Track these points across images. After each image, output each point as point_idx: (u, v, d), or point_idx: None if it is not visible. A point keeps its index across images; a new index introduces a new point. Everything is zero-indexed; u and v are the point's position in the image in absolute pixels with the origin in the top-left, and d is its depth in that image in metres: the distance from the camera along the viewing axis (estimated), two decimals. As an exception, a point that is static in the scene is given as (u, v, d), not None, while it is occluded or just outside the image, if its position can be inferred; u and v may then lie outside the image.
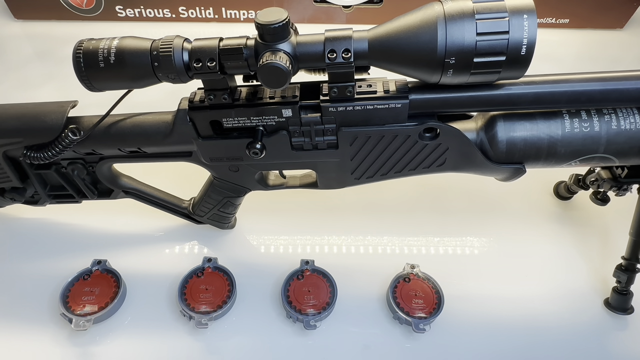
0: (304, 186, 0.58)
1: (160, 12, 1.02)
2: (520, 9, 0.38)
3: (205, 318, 0.55)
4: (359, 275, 0.60)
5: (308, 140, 0.49)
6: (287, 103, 0.46)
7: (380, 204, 0.69)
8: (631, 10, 1.00)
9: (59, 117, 0.50)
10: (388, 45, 0.41)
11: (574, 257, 0.63)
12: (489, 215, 0.68)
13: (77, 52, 0.43)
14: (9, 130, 0.51)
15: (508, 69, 0.40)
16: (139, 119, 0.51)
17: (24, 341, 0.55)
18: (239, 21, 1.04)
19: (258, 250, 0.65)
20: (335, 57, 0.41)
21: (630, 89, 0.43)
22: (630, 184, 0.53)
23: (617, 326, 0.56)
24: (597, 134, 0.46)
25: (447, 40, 0.38)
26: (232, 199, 0.59)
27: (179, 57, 0.42)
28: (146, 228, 0.65)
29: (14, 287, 0.60)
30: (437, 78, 0.41)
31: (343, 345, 0.55)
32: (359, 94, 0.46)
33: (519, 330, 0.56)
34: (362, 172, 0.53)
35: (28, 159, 0.52)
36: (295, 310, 0.55)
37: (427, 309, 0.56)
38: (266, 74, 0.41)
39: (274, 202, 0.67)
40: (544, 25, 1.02)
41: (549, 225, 0.66)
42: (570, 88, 0.44)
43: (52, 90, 0.89)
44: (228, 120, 0.48)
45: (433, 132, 0.48)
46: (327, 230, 0.66)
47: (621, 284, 0.56)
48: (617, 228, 0.64)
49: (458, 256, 0.63)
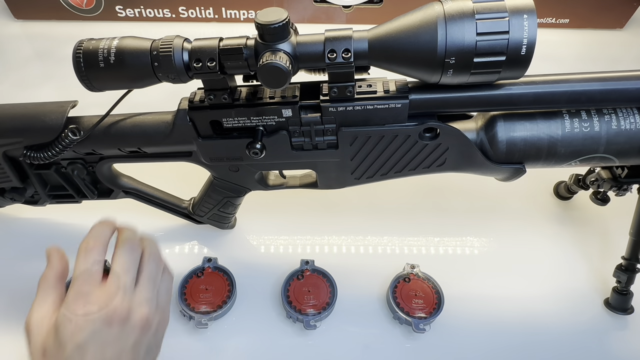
0: (304, 186, 0.58)
1: (160, 12, 1.02)
2: (521, 9, 0.38)
3: (205, 318, 0.55)
4: (359, 275, 0.60)
5: (308, 140, 0.49)
6: (287, 103, 0.46)
7: (380, 204, 0.69)
8: (631, 10, 1.00)
9: (58, 117, 0.50)
10: (388, 45, 0.41)
11: (574, 257, 0.63)
12: (489, 215, 0.68)
13: (77, 52, 0.43)
14: (8, 130, 0.51)
15: (508, 69, 0.40)
16: (139, 119, 0.51)
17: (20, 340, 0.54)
18: (239, 21, 1.03)
19: (258, 250, 0.65)
20: (335, 57, 0.41)
21: (630, 89, 0.43)
22: (630, 184, 0.53)
23: (617, 326, 0.56)
24: (597, 134, 0.46)
25: (447, 40, 0.38)
26: (232, 199, 0.59)
27: (178, 57, 0.42)
28: (146, 228, 0.64)
29: (13, 288, 0.60)
30: (437, 78, 0.41)
31: (343, 345, 0.55)
32: (359, 94, 0.45)
33: (519, 330, 0.56)
34: (362, 172, 0.53)
35: (28, 159, 0.52)
36: (295, 310, 0.55)
37: (427, 309, 0.56)
38: (266, 74, 0.41)
39: (274, 202, 0.67)
40: (544, 25, 1.02)
41: (549, 225, 0.66)
42: (570, 88, 0.43)
43: (52, 90, 0.88)
44: (228, 120, 0.48)
45: (433, 132, 0.48)
46: (327, 230, 0.66)
47: (621, 284, 0.56)
48: (617, 228, 0.64)
49: (458, 256, 0.63)
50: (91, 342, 0.37)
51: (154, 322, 0.41)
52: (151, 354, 0.41)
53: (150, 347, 0.41)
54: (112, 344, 0.38)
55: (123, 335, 0.38)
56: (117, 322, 0.38)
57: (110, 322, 0.38)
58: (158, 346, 0.42)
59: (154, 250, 0.45)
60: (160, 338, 0.43)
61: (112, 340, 0.38)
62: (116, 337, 0.38)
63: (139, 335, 0.39)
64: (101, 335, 0.37)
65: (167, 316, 0.44)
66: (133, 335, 0.39)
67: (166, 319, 0.43)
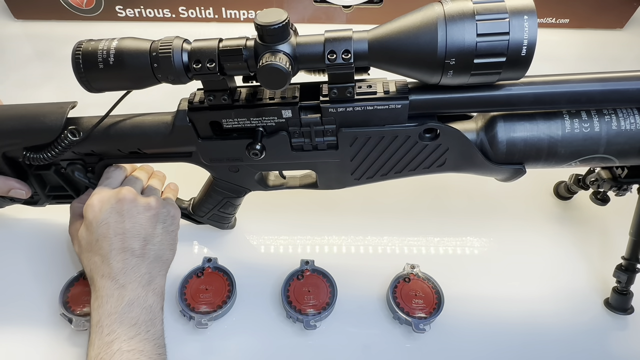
0: (303, 186, 0.58)
1: (160, 12, 1.02)
2: (521, 10, 0.38)
3: (205, 318, 0.55)
4: (359, 276, 0.60)
5: (308, 141, 0.49)
6: (287, 104, 0.46)
7: (381, 204, 0.69)
8: (631, 10, 1.00)
9: (58, 118, 0.50)
10: (388, 46, 0.41)
11: (574, 257, 0.63)
12: (489, 215, 0.68)
13: (76, 53, 0.43)
14: (8, 131, 0.51)
15: (508, 70, 0.40)
16: (139, 119, 0.51)
17: (19, 340, 0.55)
18: (239, 21, 1.03)
19: (258, 250, 0.65)
20: (335, 58, 0.41)
21: (631, 89, 0.43)
22: (630, 184, 0.53)
23: (617, 326, 0.56)
24: (597, 135, 0.46)
25: (447, 41, 0.38)
26: (232, 199, 0.59)
27: (178, 58, 0.42)
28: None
29: (12, 288, 0.60)
30: (438, 79, 0.41)
31: (343, 345, 0.55)
32: (359, 94, 0.45)
33: (519, 330, 0.56)
34: (362, 172, 0.53)
35: (27, 160, 0.52)
36: (295, 310, 0.55)
37: (427, 309, 0.56)
38: (266, 75, 0.41)
39: (274, 202, 0.67)
40: (544, 25, 1.02)
41: (549, 225, 0.66)
42: (570, 89, 0.43)
43: (52, 90, 0.88)
44: (228, 121, 0.48)
45: (433, 132, 0.48)
46: (327, 230, 0.66)
47: (621, 284, 0.56)
48: (617, 228, 0.63)
49: (458, 256, 0.63)
50: (111, 216, 0.49)
51: (159, 208, 0.53)
52: (169, 233, 0.53)
53: (165, 228, 0.53)
54: (127, 215, 0.50)
55: (133, 211, 0.50)
56: (127, 201, 0.50)
57: (121, 201, 0.50)
58: (174, 231, 0.54)
59: (159, 175, 0.60)
60: (173, 226, 0.54)
61: (125, 213, 0.50)
62: (128, 211, 0.50)
63: (148, 213, 0.51)
64: (116, 210, 0.50)
65: (177, 215, 0.56)
66: (142, 212, 0.51)
67: (176, 217, 0.55)
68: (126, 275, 0.47)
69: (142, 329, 0.46)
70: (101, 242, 0.49)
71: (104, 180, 0.54)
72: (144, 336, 0.45)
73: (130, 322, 0.45)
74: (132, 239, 0.49)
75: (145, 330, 0.46)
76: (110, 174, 0.54)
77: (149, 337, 0.46)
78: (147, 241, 0.50)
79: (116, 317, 0.45)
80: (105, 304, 0.46)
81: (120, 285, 0.47)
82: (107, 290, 0.47)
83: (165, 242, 0.52)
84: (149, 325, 0.46)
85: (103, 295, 0.47)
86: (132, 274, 0.48)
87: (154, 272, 0.50)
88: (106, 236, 0.49)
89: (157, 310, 0.48)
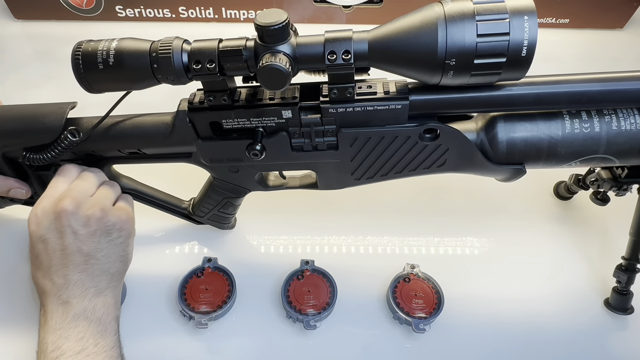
0: (304, 187, 0.58)
1: (160, 12, 1.02)
2: (521, 10, 0.38)
3: (205, 318, 0.55)
4: (359, 276, 0.60)
5: (308, 141, 0.49)
6: (287, 104, 0.46)
7: (381, 204, 0.69)
8: (631, 10, 1.00)
9: (58, 118, 0.50)
10: (388, 46, 0.41)
11: (574, 257, 0.63)
12: (489, 215, 0.68)
13: (76, 53, 0.43)
14: (8, 131, 0.51)
15: (509, 70, 0.40)
16: (139, 120, 0.51)
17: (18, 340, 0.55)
18: (239, 21, 1.03)
19: (258, 250, 0.65)
20: (335, 58, 0.41)
21: (631, 89, 0.43)
22: (630, 184, 0.53)
23: (617, 326, 0.56)
24: (597, 135, 0.46)
25: (447, 41, 0.38)
26: (232, 199, 0.59)
27: (178, 58, 0.42)
28: (146, 228, 0.65)
29: (13, 288, 0.60)
30: (438, 79, 0.41)
31: (343, 345, 0.55)
32: (359, 95, 0.45)
33: (519, 330, 0.56)
34: (362, 172, 0.53)
35: (27, 161, 0.52)
36: (295, 310, 0.55)
37: (427, 309, 0.56)
38: (266, 76, 0.41)
39: (274, 202, 0.67)
40: (544, 25, 1.02)
41: (549, 226, 0.66)
42: (570, 89, 0.43)
43: (52, 90, 0.88)
44: (228, 121, 0.48)
45: (433, 133, 0.48)
46: (327, 230, 0.66)
47: (621, 284, 0.56)
48: (617, 228, 0.63)
49: (458, 256, 0.63)
50: (49, 232, 0.46)
51: (102, 221, 0.48)
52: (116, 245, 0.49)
53: (112, 241, 0.48)
54: (66, 231, 0.46)
55: (74, 225, 0.46)
56: (67, 214, 0.46)
57: (60, 215, 0.46)
58: (123, 243, 0.50)
59: (111, 183, 0.54)
60: (121, 238, 0.50)
61: (65, 228, 0.46)
62: (68, 226, 0.46)
63: (89, 229, 0.47)
64: (54, 226, 0.46)
65: (128, 226, 0.50)
66: (82, 227, 0.47)
67: (124, 228, 0.50)
68: (69, 290, 0.45)
69: (89, 342, 0.44)
70: (41, 258, 0.46)
71: (51, 184, 0.50)
72: (92, 349, 0.44)
73: (76, 336, 0.44)
74: (73, 255, 0.46)
75: (94, 343, 0.44)
76: (58, 178, 0.51)
77: (98, 350, 0.44)
78: (90, 256, 0.47)
79: (61, 332, 0.44)
80: (50, 320, 0.45)
81: (64, 301, 0.45)
82: (51, 306, 0.45)
83: (113, 255, 0.49)
84: (97, 338, 0.45)
85: (47, 311, 0.45)
86: (76, 289, 0.46)
87: (102, 285, 0.47)
88: (46, 251, 0.46)
89: (107, 321, 0.46)
